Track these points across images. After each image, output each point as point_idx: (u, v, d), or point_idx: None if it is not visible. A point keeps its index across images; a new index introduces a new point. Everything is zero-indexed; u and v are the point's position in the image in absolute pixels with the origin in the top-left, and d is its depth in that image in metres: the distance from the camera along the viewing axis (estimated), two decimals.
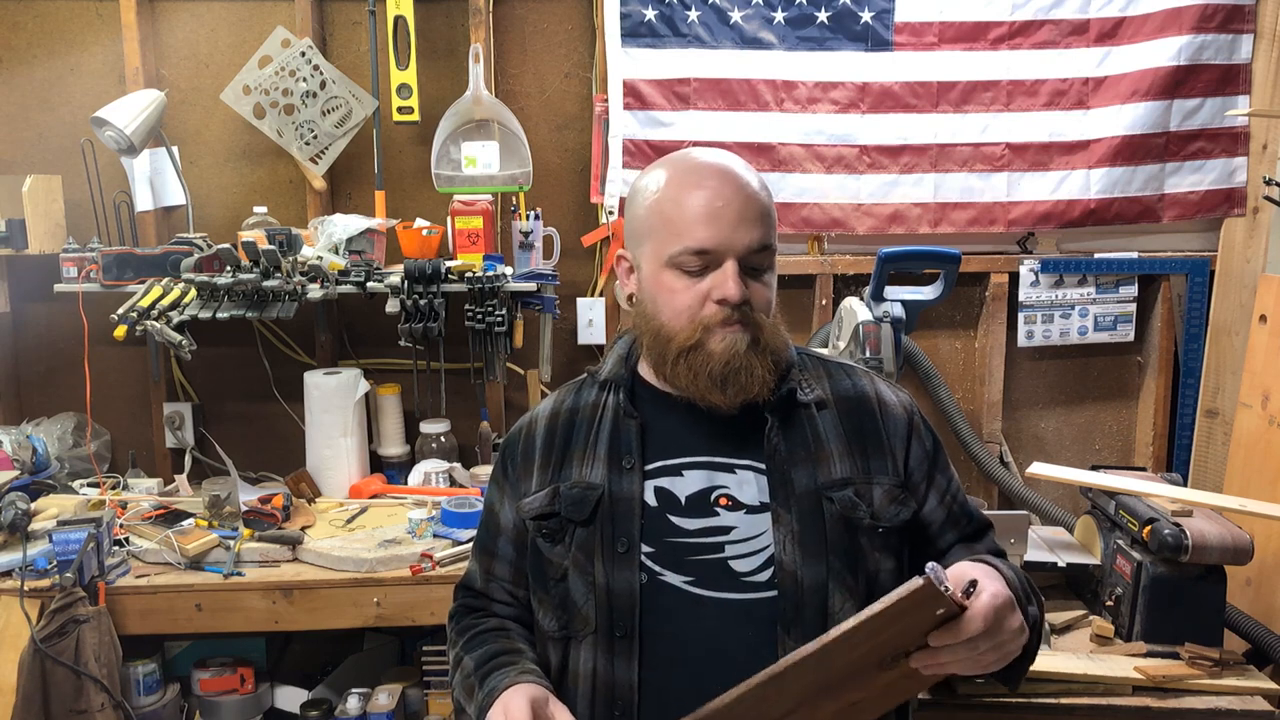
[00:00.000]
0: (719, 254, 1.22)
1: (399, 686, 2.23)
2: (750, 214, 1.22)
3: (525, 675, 1.23)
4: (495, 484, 1.41)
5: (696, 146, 1.32)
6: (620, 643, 1.24)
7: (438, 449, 2.51)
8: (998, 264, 2.58)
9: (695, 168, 1.26)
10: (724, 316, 1.22)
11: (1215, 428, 2.54)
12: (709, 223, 1.21)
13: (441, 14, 2.54)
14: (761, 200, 1.25)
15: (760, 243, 1.23)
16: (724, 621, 1.22)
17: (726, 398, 1.23)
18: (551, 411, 1.38)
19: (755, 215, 1.23)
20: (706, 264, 1.22)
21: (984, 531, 1.39)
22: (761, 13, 2.48)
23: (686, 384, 1.25)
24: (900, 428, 1.33)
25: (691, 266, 1.23)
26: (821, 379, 1.35)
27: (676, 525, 1.26)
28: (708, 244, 1.21)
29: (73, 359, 2.46)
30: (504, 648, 1.31)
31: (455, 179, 2.47)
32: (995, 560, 1.25)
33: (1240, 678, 1.74)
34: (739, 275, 1.21)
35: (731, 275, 1.21)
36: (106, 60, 2.52)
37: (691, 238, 1.22)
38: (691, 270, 1.23)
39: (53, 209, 2.44)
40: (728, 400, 1.24)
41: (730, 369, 1.22)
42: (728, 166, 1.26)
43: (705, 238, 1.21)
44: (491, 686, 1.23)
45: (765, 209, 1.25)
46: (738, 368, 1.22)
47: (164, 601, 1.97)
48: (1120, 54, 2.50)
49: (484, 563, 1.42)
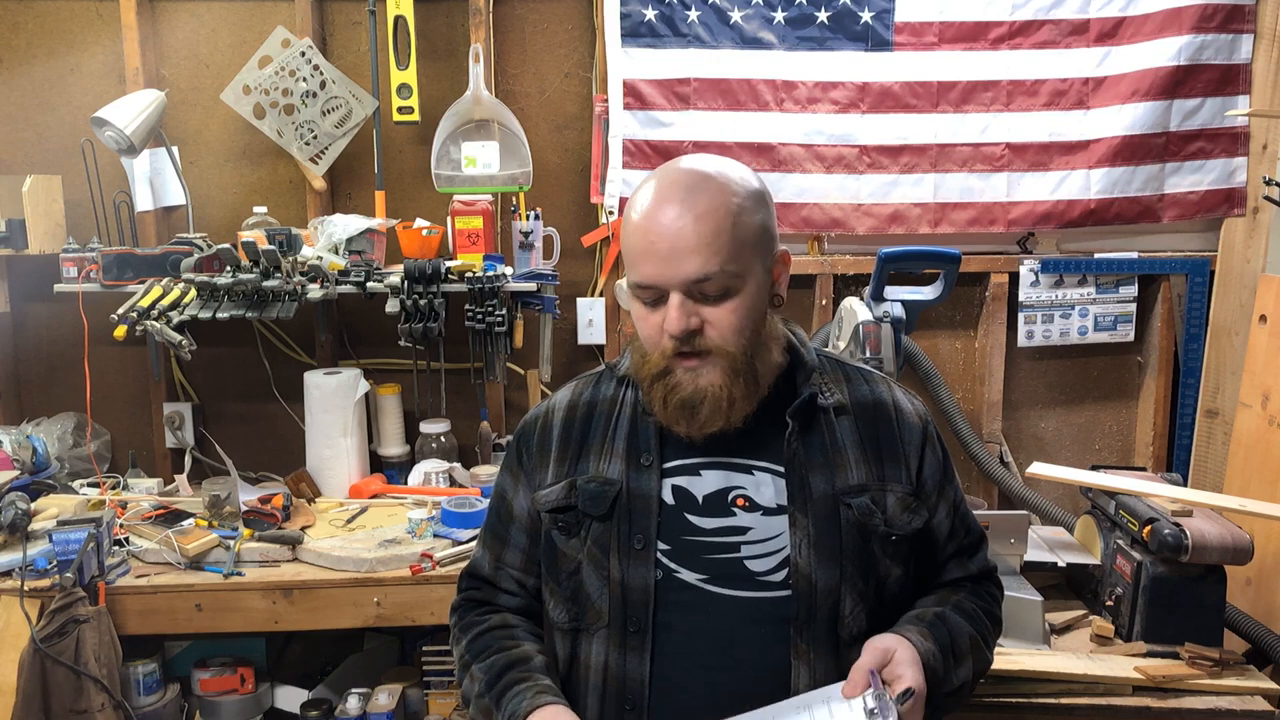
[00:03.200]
0: (660, 288, 1.20)
1: (399, 686, 2.23)
2: (684, 245, 1.17)
3: (541, 696, 1.23)
4: (509, 471, 1.41)
5: (688, 155, 1.29)
6: (633, 638, 1.24)
7: (438, 449, 2.51)
8: (998, 264, 2.58)
9: (655, 193, 1.21)
10: (675, 349, 1.21)
11: (1215, 428, 2.54)
12: (646, 258, 1.20)
13: (441, 14, 2.54)
14: (709, 225, 1.17)
15: (699, 274, 1.17)
16: (737, 618, 1.23)
17: (692, 428, 1.23)
18: (569, 403, 1.38)
19: (691, 246, 1.17)
20: (657, 296, 1.21)
21: (979, 545, 1.41)
22: (761, 13, 2.48)
23: (660, 410, 1.25)
24: (915, 437, 1.33)
25: (645, 299, 1.23)
26: (840, 383, 1.34)
27: (693, 524, 1.26)
28: (646, 279, 1.20)
29: (73, 359, 2.46)
30: (513, 657, 1.30)
31: (455, 179, 2.47)
32: (940, 620, 1.28)
33: (1240, 678, 1.74)
34: (683, 308, 1.19)
35: (674, 308, 1.19)
36: (106, 60, 2.52)
37: (635, 272, 1.22)
38: (647, 302, 1.23)
39: (53, 209, 2.44)
40: (693, 432, 1.24)
41: (694, 400, 1.21)
42: (680, 185, 1.20)
43: (646, 274, 1.20)
44: (511, 711, 1.22)
45: (714, 234, 1.17)
46: (700, 400, 1.21)
47: (164, 601, 1.97)
48: (1120, 54, 2.50)
49: (494, 549, 1.41)
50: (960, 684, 1.25)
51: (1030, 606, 1.85)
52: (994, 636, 1.36)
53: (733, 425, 1.24)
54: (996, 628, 1.37)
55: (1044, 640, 1.85)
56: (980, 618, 1.33)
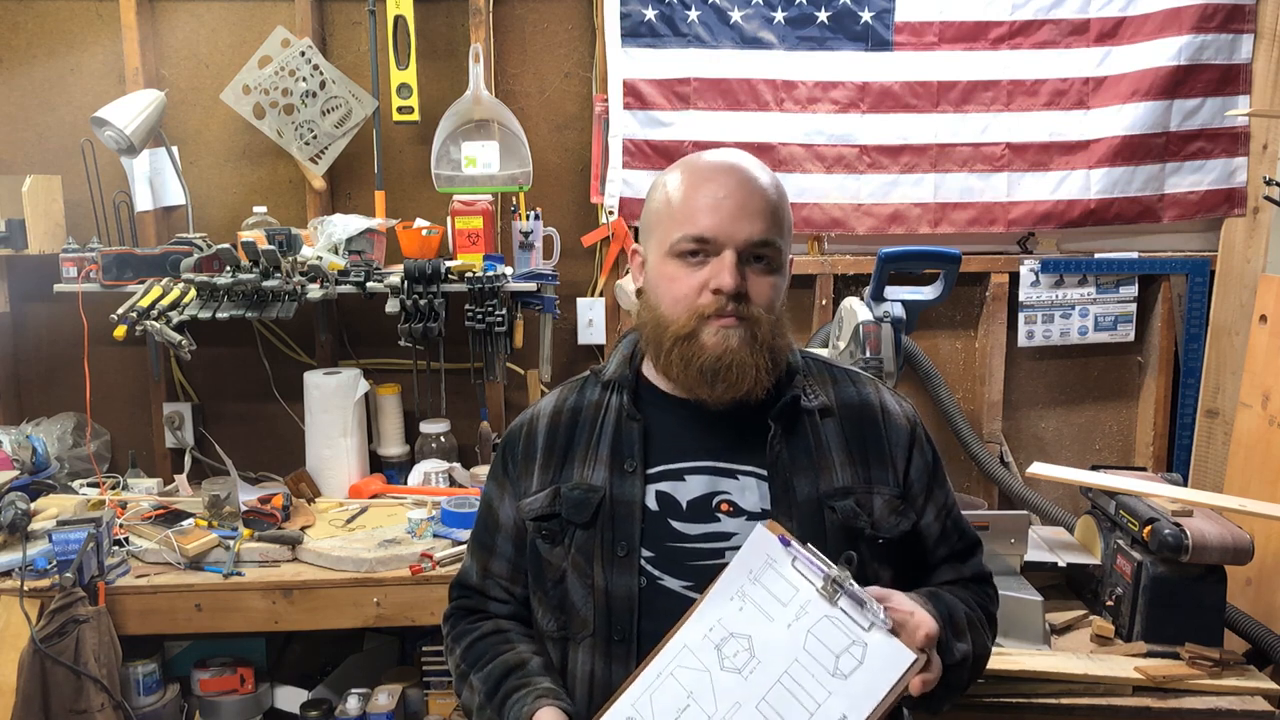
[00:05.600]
0: (718, 243, 1.22)
1: (399, 686, 2.22)
2: (753, 208, 1.23)
3: (543, 700, 1.22)
4: (495, 480, 1.41)
5: (718, 148, 1.35)
6: (618, 646, 1.23)
7: (438, 449, 2.51)
8: (998, 264, 2.58)
9: (706, 164, 1.28)
10: (718, 306, 1.22)
11: (1215, 428, 2.54)
12: (710, 212, 1.23)
13: (441, 14, 2.54)
14: (768, 197, 1.25)
15: (761, 237, 1.23)
16: None
17: (715, 393, 1.23)
18: (554, 410, 1.38)
19: (758, 210, 1.23)
20: (706, 253, 1.23)
21: (973, 550, 1.40)
22: (761, 12, 2.48)
23: (678, 374, 1.25)
24: (902, 438, 1.33)
25: (691, 255, 1.23)
26: (826, 385, 1.34)
27: (677, 530, 1.25)
28: (706, 232, 1.22)
29: (73, 359, 2.46)
30: (509, 662, 1.29)
31: (455, 179, 2.47)
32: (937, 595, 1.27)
33: (1240, 678, 1.74)
34: (736, 267, 1.21)
35: (729, 265, 1.21)
36: (106, 60, 2.52)
37: (692, 225, 1.23)
38: (691, 259, 1.23)
39: (53, 209, 2.44)
40: (716, 396, 1.24)
41: (721, 364, 1.22)
42: (735, 162, 1.28)
43: (705, 226, 1.22)
44: (515, 717, 1.21)
45: (772, 206, 1.25)
46: (729, 363, 1.21)
47: (164, 601, 1.97)
48: (1120, 54, 2.50)
49: (481, 559, 1.41)
50: (961, 658, 1.22)
51: (1030, 606, 1.85)
52: (990, 631, 1.34)
53: (754, 396, 1.24)
54: (992, 624, 1.36)
55: (1044, 640, 1.85)
56: (976, 608, 1.32)
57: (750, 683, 1.09)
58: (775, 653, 1.10)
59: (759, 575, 1.14)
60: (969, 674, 1.26)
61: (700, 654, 1.12)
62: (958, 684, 1.24)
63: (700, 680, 1.11)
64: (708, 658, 1.12)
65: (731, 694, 1.09)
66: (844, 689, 1.05)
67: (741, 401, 1.25)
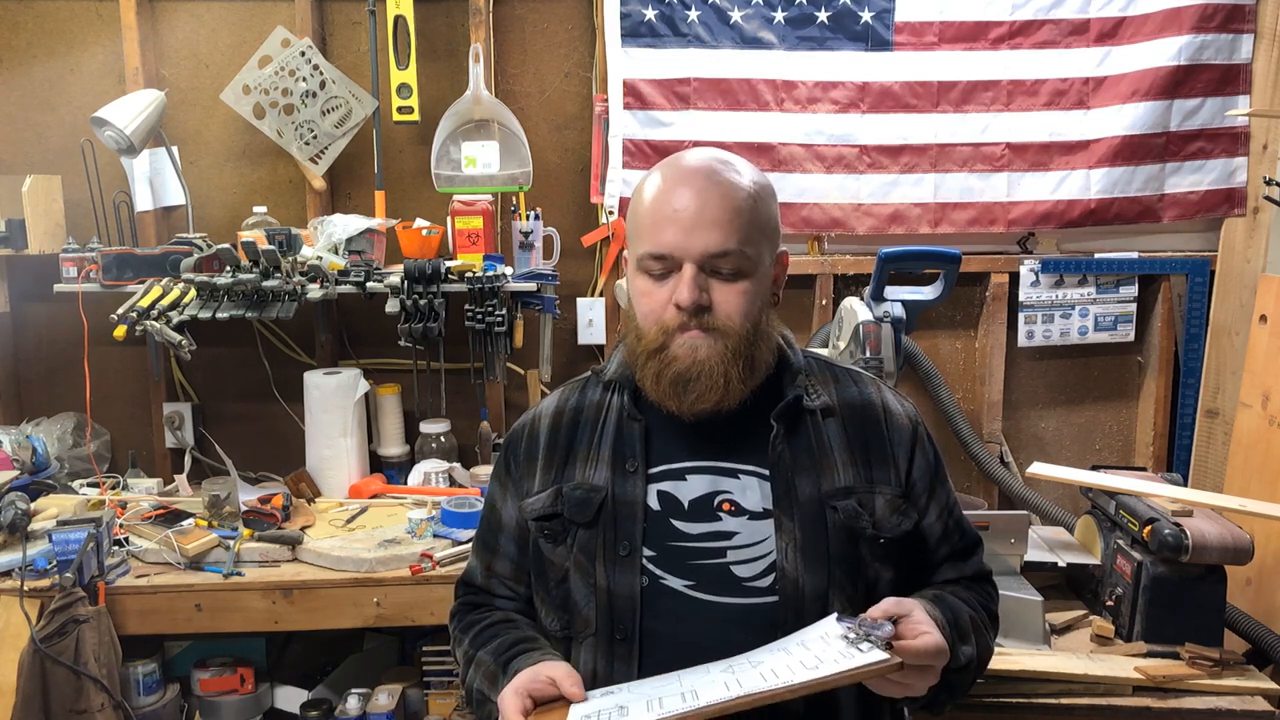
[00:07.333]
0: (675, 259, 1.21)
1: (399, 686, 2.22)
2: (709, 218, 1.19)
3: (550, 655, 1.24)
4: (497, 480, 1.41)
5: (697, 147, 1.31)
6: (620, 645, 1.24)
7: (438, 449, 2.51)
8: (998, 264, 2.58)
9: (672, 172, 1.25)
10: (681, 321, 1.21)
11: (1215, 428, 2.54)
12: (665, 227, 1.21)
13: (441, 14, 2.54)
14: (731, 203, 1.21)
15: (720, 248, 1.19)
16: (723, 625, 1.22)
17: (683, 404, 1.23)
18: (555, 410, 1.38)
19: (715, 219, 1.20)
20: (668, 268, 1.22)
21: (974, 549, 1.40)
22: (761, 12, 2.48)
23: (651, 386, 1.25)
24: (904, 438, 1.32)
25: (654, 270, 1.23)
26: (828, 385, 1.34)
27: (679, 529, 1.25)
28: (661, 249, 1.21)
29: (73, 359, 2.46)
30: (518, 636, 1.30)
31: (455, 179, 2.47)
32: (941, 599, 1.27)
33: (1240, 678, 1.74)
34: (695, 280, 1.20)
35: (686, 280, 1.20)
36: (106, 60, 2.52)
37: (653, 241, 1.22)
38: (655, 274, 1.23)
39: (53, 209, 2.44)
40: (685, 407, 1.23)
41: (690, 374, 1.21)
42: (700, 169, 1.23)
43: (663, 242, 1.21)
44: (516, 669, 1.21)
45: (735, 212, 1.20)
46: (697, 374, 1.21)
47: (164, 601, 1.97)
48: (1120, 54, 2.50)
49: (485, 559, 1.41)
50: (966, 662, 1.22)
51: (1030, 606, 1.85)
52: (992, 631, 1.35)
53: (726, 407, 1.23)
54: (994, 624, 1.36)
55: (1044, 640, 1.85)
56: (979, 609, 1.32)
57: (732, 670, 1.10)
58: (769, 654, 1.12)
59: (804, 635, 1.14)
60: (973, 675, 1.27)
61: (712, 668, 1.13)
62: (961, 686, 1.25)
63: (696, 673, 1.13)
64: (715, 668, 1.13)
65: (708, 672, 1.11)
66: (806, 670, 1.05)
67: (714, 412, 1.24)
